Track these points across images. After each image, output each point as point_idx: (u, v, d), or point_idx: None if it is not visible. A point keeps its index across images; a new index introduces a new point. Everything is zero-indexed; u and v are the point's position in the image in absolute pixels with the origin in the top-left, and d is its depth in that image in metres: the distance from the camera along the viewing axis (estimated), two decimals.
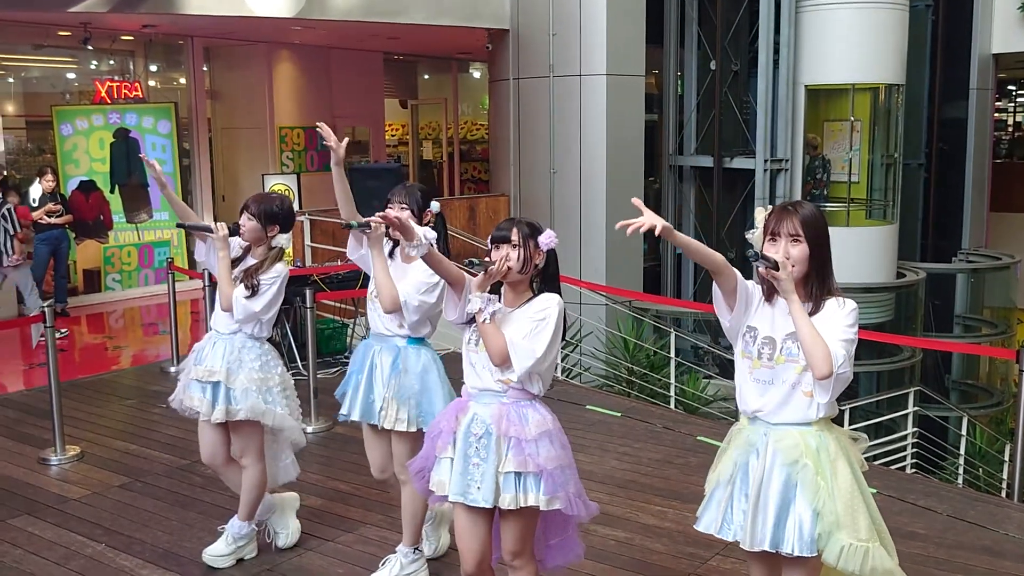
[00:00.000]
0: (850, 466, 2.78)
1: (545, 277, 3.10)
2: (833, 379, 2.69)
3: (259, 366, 4.04)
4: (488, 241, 3.09)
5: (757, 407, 2.82)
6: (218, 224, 4.05)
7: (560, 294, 3.11)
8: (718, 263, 2.77)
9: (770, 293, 2.84)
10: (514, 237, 3.02)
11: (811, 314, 2.75)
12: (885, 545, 2.80)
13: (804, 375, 2.75)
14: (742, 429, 2.89)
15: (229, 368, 3.98)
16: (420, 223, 3.54)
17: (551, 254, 3.09)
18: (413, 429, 3.75)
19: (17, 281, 8.70)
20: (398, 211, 3.48)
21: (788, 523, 2.74)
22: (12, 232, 8.48)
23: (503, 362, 2.98)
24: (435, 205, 3.66)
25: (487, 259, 3.04)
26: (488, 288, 3.03)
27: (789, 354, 2.78)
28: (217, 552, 4.19)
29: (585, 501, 3.14)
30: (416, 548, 3.95)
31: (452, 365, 3.66)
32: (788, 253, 2.74)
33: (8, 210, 8.55)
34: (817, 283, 2.78)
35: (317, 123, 3.99)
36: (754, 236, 2.82)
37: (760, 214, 2.85)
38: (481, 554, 3.17)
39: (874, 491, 4.89)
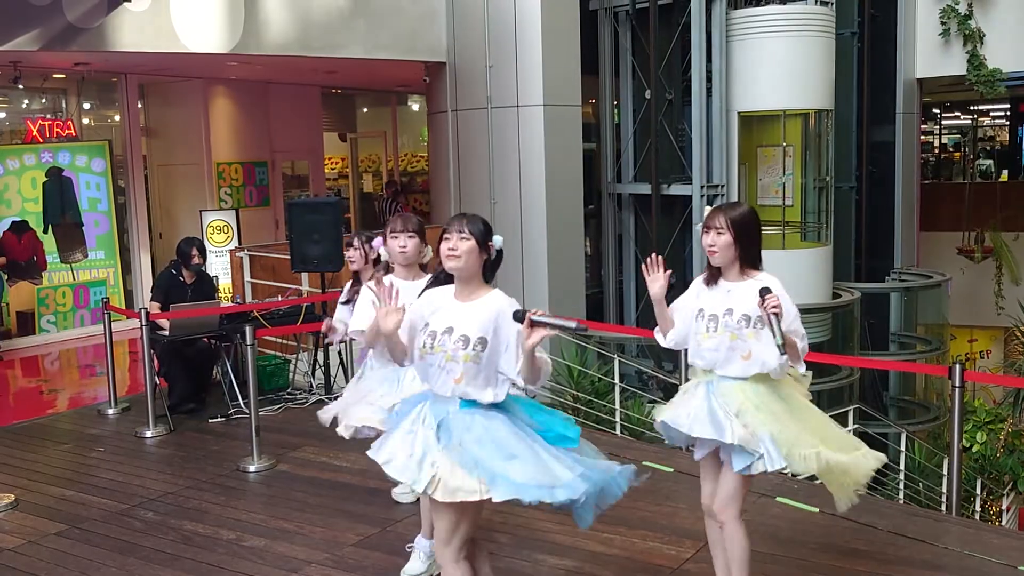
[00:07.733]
0: (782, 401, 3.58)
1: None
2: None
3: None
4: None
5: (708, 367, 3.64)
6: None
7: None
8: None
9: (709, 279, 3.64)
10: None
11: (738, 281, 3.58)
12: (825, 454, 3.52)
13: (736, 342, 3.54)
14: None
15: None
16: (488, 256, 3.41)
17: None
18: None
19: None
20: (456, 240, 3.36)
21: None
22: None
23: None
24: (498, 239, 3.45)
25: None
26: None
27: (726, 326, 3.56)
28: (414, 571, 4.26)
29: None
30: None
31: None
32: (714, 241, 3.54)
33: None
34: (746, 263, 3.58)
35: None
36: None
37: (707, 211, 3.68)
38: None
39: (815, 510, 4.97)
